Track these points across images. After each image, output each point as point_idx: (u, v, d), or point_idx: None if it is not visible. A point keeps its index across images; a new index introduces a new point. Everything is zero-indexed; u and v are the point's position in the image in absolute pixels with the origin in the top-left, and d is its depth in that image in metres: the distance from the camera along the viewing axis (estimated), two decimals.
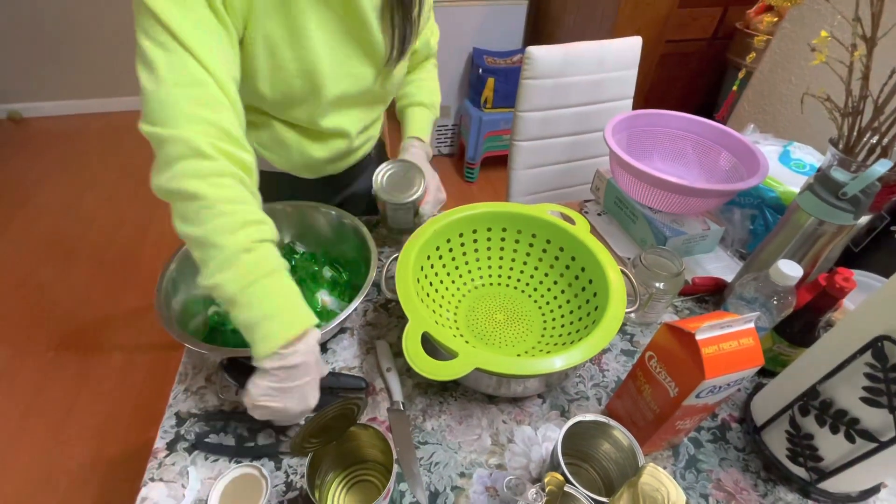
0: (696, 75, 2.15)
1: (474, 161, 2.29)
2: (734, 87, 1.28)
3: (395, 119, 0.88)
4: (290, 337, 0.45)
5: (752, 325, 0.44)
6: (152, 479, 0.51)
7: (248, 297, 0.45)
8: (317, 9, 0.57)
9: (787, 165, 0.84)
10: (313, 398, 0.47)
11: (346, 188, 0.88)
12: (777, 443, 0.53)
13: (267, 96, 0.60)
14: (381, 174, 0.71)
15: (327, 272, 0.73)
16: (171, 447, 0.54)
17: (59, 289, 1.74)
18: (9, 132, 2.57)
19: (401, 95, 0.85)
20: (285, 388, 0.45)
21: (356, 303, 0.58)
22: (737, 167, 0.82)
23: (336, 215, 0.72)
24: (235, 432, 0.55)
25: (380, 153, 0.97)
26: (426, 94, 0.84)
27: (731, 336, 0.43)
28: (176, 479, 0.51)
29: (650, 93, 1.93)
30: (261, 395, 0.45)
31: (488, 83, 2.07)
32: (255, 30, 0.53)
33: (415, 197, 0.70)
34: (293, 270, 0.72)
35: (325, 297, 0.69)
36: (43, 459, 1.26)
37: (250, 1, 0.51)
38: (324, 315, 0.67)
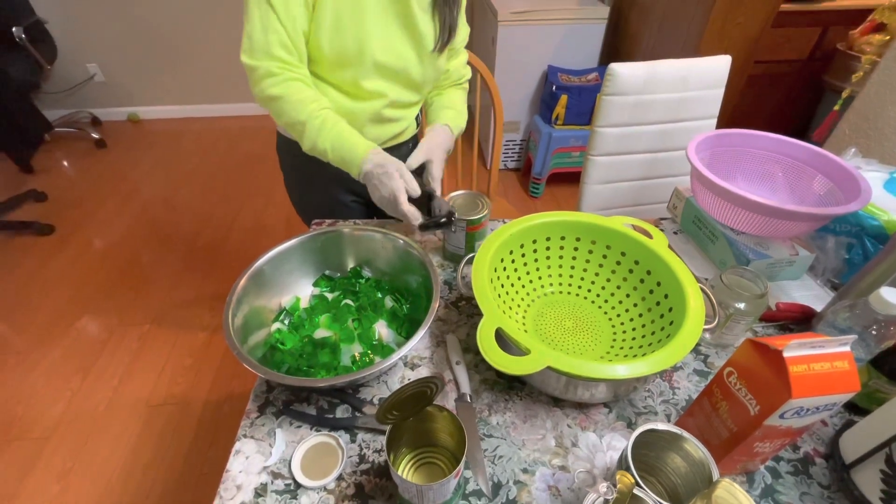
0: (787, 99, 2.03)
1: (541, 176, 2.29)
2: (836, 107, 1.19)
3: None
4: (367, 151, 0.73)
5: (847, 348, 0.42)
6: (245, 436, 0.57)
7: (332, 144, 0.74)
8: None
9: (893, 194, 0.78)
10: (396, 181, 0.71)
11: None
12: (869, 483, 0.49)
13: (325, 51, 0.76)
14: (451, 198, 0.79)
15: (389, 302, 0.73)
16: (261, 410, 0.60)
17: (156, 270, 1.95)
18: (128, 131, 2.94)
19: (430, 106, 0.95)
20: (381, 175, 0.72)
21: (413, 341, 0.57)
22: (833, 192, 0.77)
23: (403, 243, 0.72)
24: (317, 404, 0.60)
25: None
26: (452, 114, 0.91)
27: (823, 357, 0.41)
28: (264, 439, 0.57)
29: (735, 114, 1.85)
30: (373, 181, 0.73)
31: (561, 100, 2.08)
32: (329, 1, 0.72)
33: (483, 214, 0.76)
34: (356, 297, 0.73)
35: (382, 329, 0.69)
36: (135, 423, 1.41)
37: None
38: (378, 349, 0.66)
